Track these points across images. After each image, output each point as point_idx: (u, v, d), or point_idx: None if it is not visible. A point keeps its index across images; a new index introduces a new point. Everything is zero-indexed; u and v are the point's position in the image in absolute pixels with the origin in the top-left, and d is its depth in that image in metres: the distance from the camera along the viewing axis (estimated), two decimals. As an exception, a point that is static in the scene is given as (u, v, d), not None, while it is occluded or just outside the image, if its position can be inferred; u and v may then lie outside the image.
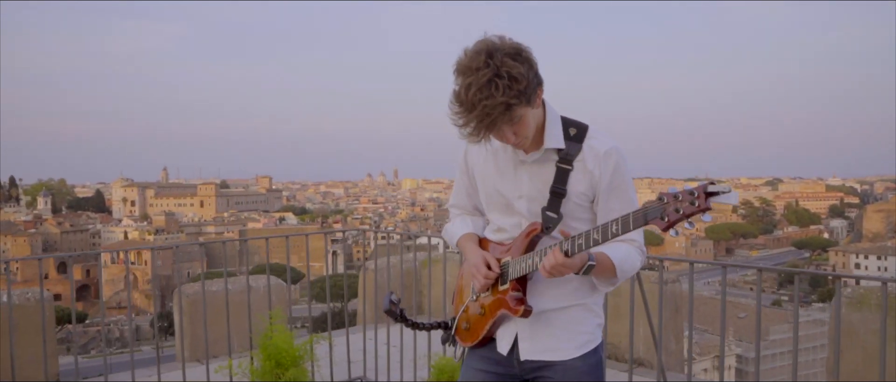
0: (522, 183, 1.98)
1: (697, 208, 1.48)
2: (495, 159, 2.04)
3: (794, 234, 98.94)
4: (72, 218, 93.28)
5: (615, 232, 1.70)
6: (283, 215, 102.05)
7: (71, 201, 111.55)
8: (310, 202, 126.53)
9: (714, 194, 1.47)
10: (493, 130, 1.76)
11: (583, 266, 1.83)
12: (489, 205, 2.09)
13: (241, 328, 4.36)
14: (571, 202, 1.93)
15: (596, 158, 1.91)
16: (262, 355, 3.82)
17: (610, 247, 1.91)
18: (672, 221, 1.51)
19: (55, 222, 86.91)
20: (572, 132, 1.94)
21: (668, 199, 1.53)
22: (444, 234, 2.29)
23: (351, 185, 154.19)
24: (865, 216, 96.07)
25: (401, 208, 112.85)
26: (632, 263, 1.94)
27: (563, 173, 1.92)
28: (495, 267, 2.00)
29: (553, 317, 2.00)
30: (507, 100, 1.70)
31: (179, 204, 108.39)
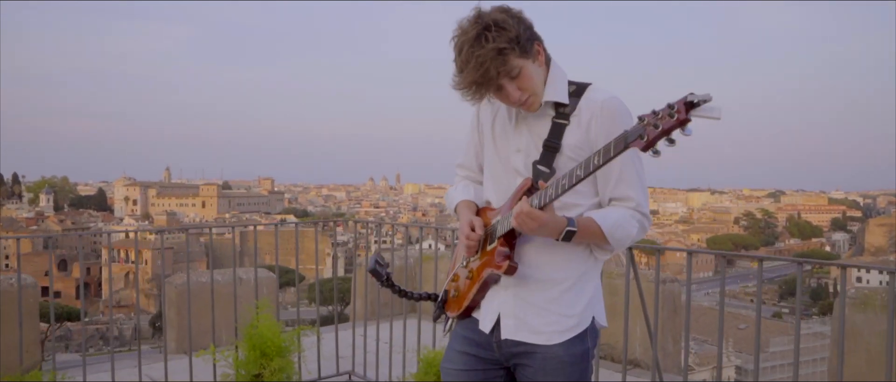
0: (521, 137, 1.92)
1: (676, 120, 1.37)
2: (502, 114, 2.00)
3: (795, 246, 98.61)
4: (73, 216, 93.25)
5: (578, 175, 1.62)
6: (285, 217, 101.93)
7: (73, 199, 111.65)
8: (311, 205, 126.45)
9: (695, 106, 1.37)
10: (491, 84, 1.74)
11: (560, 232, 1.76)
12: (491, 164, 2.03)
13: (229, 321, 4.30)
14: (565, 157, 1.85)
15: (592, 108, 1.84)
16: (247, 345, 3.74)
17: (601, 211, 1.85)
18: (652, 138, 1.41)
19: (57, 219, 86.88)
20: (571, 89, 1.88)
21: (647, 117, 1.43)
22: (445, 197, 2.25)
23: (353, 188, 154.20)
24: (868, 230, 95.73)
25: (402, 213, 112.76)
26: (626, 229, 1.84)
27: (557, 128, 1.86)
28: (480, 229, 1.95)
29: (538, 290, 1.89)
30: (498, 46, 1.70)
31: (181, 204, 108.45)
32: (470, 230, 1.95)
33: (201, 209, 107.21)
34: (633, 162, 1.85)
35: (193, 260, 61.85)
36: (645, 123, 1.43)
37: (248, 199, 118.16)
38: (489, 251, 1.92)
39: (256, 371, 3.70)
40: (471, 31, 1.71)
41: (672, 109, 1.37)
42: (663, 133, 1.39)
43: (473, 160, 2.17)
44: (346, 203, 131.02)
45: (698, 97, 1.36)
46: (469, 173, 2.20)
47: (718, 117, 1.35)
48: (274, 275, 5.48)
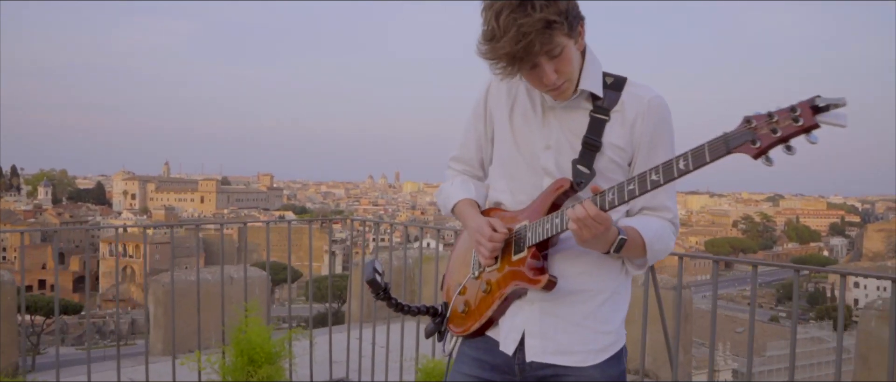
0: (551, 131, 1.66)
1: (801, 126, 1.18)
2: (521, 102, 1.73)
3: (793, 250, 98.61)
4: (72, 209, 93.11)
5: (655, 180, 1.40)
6: (283, 213, 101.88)
7: (72, 192, 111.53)
8: (310, 202, 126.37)
9: (822, 110, 1.18)
10: (528, 60, 1.48)
11: (613, 242, 1.53)
12: (508, 158, 1.75)
13: (218, 322, 4.15)
14: (606, 158, 1.63)
15: (638, 107, 1.62)
16: (234, 350, 3.58)
17: (641, 221, 1.64)
18: (767, 144, 1.22)
19: (55, 212, 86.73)
20: (609, 81, 1.65)
21: (759, 120, 1.24)
22: (437, 195, 1.93)
23: (352, 186, 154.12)
24: (866, 235, 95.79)
25: (401, 211, 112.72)
26: (665, 243, 1.65)
27: (597, 123, 1.62)
28: (503, 229, 1.66)
29: (571, 304, 1.65)
30: (546, 17, 1.45)
31: (180, 199, 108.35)
32: (492, 231, 1.66)
33: (200, 205, 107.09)
34: None
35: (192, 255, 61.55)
36: (753, 125, 1.24)
37: (246, 195, 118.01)
38: (516, 260, 1.65)
39: (243, 377, 3.56)
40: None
41: (795, 113, 1.19)
42: (782, 139, 1.21)
43: (474, 154, 1.87)
44: (345, 201, 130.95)
45: (827, 101, 1.18)
46: (467, 169, 1.90)
47: (844, 125, 1.19)
48: (266, 274, 5.34)
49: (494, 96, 1.78)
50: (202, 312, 4.08)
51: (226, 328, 3.88)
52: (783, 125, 1.20)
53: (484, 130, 1.83)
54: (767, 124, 1.22)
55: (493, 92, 1.79)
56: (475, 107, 1.84)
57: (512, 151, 1.73)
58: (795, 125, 1.19)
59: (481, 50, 1.51)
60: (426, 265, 5.69)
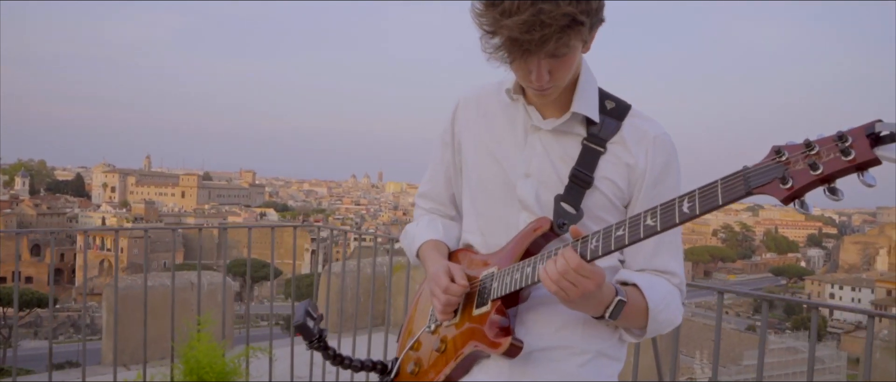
0: (533, 156, 1.37)
1: (852, 161, 0.89)
2: (497, 120, 1.44)
3: (771, 260, 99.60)
4: (49, 200, 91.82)
5: (651, 226, 1.10)
6: (265, 210, 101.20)
7: (50, 184, 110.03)
8: (292, 200, 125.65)
9: (884, 140, 0.88)
10: (535, 51, 1.19)
11: (609, 304, 1.23)
12: (478, 189, 1.45)
13: (177, 332, 3.92)
14: (598, 196, 1.34)
15: (642, 142, 1.34)
16: (183, 367, 3.40)
17: (646, 280, 1.32)
18: (802, 184, 0.93)
19: (32, 203, 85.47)
20: (609, 106, 1.37)
21: (792, 152, 0.95)
22: (402, 239, 1.64)
23: (335, 185, 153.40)
24: (842, 247, 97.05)
25: (383, 211, 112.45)
26: (671, 313, 1.32)
27: (590, 155, 1.34)
28: (462, 280, 1.37)
29: (546, 363, 1.34)
30: (575, 14, 1.16)
31: (160, 193, 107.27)
32: (449, 280, 1.37)
33: (181, 200, 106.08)
34: None
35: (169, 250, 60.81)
36: (785, 158, 0.95)
37: (228, 191, 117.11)
38: (476, 316, 1.35)
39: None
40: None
41: (845, 143, 0.89)
42: (826, 179, 0.91)
43: (443, 189, 1.58)
44: (328, 199, 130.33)
45: (893, 128, 0.88)
46: (436, 207, 1.61)
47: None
48: (231, 281, 5.14)
49: (462, 119, 1.51)
50: (157, 320, 3.88)
51: (176, 342, 3.67)
52: (826, 160, 0.91)
53: (452, 159, 1.55)
54: (804, 158, 0.93)
55: (460, 114, 1.52)
56: (442, 134, 1.55)
57: (482, 180, 1.45)
58: (845, 160, 0.89)
59: (479, 13, 1.21)
60: (399, 274, 5.59)
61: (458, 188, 1.57)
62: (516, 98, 1.39)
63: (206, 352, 3.34)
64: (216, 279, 5.21)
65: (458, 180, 1.56)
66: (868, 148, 0.88)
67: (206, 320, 3.50)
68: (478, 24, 1.22)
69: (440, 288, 1.37)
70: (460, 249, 1.52)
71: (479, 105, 1.48)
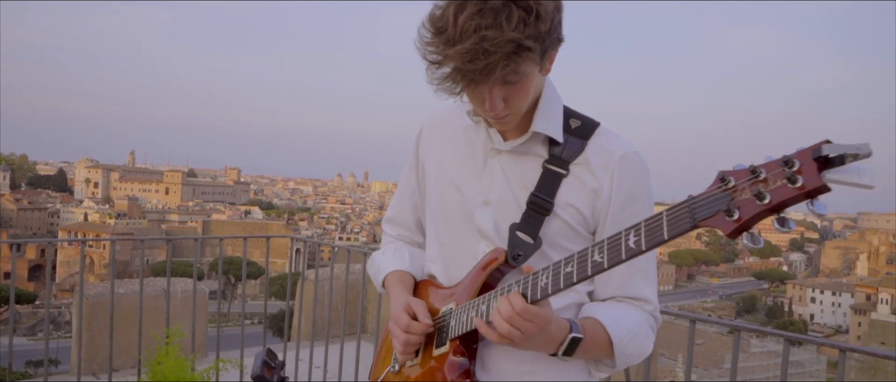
0: (493, 182, 1.30)
1: (801, 188, 0.81)
2: (457, 143, 1.37)
3: (754, 264, 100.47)
4: (31, 195, 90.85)
5: (598, 263, 1.04)
6: (249, 208, 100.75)
7: (31, 178, 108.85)
8: (277, 198, 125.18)
9: (833, 163, 0.80)
10: (482, 80, 1.12)
11: (561, 342, 1.16)
12: (439, 217, 1.39)
13: (146, 340, 3.84)
14: (559, 223, 1.26)
15: (608, 162, 1.25)
16: (150, 380, 3.35)
17: (611, 312, 1.25)
18: (749, 216, 0.85)
19: (13, 198, 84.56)
20: (574, 125, 1.29)
21: (738, 179, 0.87)
22: (369, 266, 1.58)
23: (320, 184, 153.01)
24: (823, 252, 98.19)
25: (369, 211, 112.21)
26: (640, 345, 1.26)
27: (551, 178, 1.26)
28: (424, 318, 1.30)
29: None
30: (521, 39, 1.07)
31: (144, 189, 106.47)
32: (409, 319, 1.30)
33: (165, 196, 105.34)
34: None
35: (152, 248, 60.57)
36: (731, 186, 0.87)
37: (212, 188, 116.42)
38: (437, 356, 1.29)
39: (155, 413, 3.32)
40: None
41: (791, 168, 0.81)
42: (773, 209, 0.83)
43: (410, 215, 1.53)
44: (313, 198, 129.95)
45: (842, 150, 0.79)
46: (403, 233, 1.55)
47: (871, 186, 0.78)
48: (204, 289, 5.02)
49: (427, 141, 1.45)
50: (129, 328, 3.77)
51: (143, 354, 3.59)
52: (773, 187, 0.83)
53: (417, 184, 1.49)
54: (751, 186, 0.85)
55: (425, 137, 1.45)
56: (408, 157, 1.50)
57: (443, 207, 1.38)
58: (792, 189, 0.81)
59: (423, 41, 1.13)
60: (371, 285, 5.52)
61: (423, 214, 1.51)
62: (477, 120, 1.32)
63: (174, 367, 3.24)
64: (190, 286, 5.13)
65: (424, 206, 1.49)
66: (816, 174, 0.81)
67: (175, 332, 3.40)
68: (423, 55, 1.14)
69: (400, 328, 1.31)
70: (425, 280, 1.45)
71: (443, 128, 1.42)
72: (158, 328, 3.78)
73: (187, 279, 5.35)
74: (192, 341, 4.03)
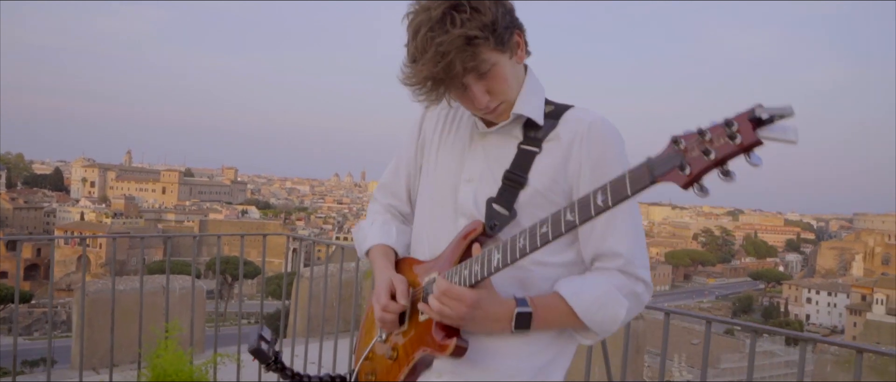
0: (475, 162, 1.43)
1: (740, 144, 0.94)
2: (454, 127, 1.51)
3: (750, 265, 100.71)
4: (27, 195, 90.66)
5: (571, 221, 1.12)
6: (246, 208, 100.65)
7: (27, 177, 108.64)
8: (274, 198, 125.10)
9: (765, 123, 0.93)
10: (453, 82, 1.29)
11: (508, 319, 1.28)
12: (427, 194, 1.53)
13: (146, 335, 3.89)
14: (532, 195, 1.36)
15: (577, 132, 1.36)
16: (150, 374, 3.39)
17: (574, 284, 1.34)
18: (698, 169, 0.97)
19: (8, 197, 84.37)
20: (548, 110, 1.42)
21: (688, 139, 0.99)
22: (355, 232, 1.67)
23: (317, 183, 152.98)
24: (819, 253, 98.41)
25: (365, 211, 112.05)
26: (611, 311, 1.33)
27: (525, 156, 1.38)
28: (402, 298, 1.41)
29: (491, 372, 1.38)
30: (467, 32, 1.24)
31: (141, 189, 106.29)
32: (388, 299, 1.42)
33: (161, 196, 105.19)
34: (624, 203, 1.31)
35: (149, 247, 60.52)
36: (682, 147, 1.00)
37: (210, 187, 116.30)
38: (422, 322, 1.38)
39: (155, 406, 3.36)
40: (434, 10, 1.26)
41: (731, 128, 0.95)
42: (718, 162, 0.96)
43: (403, 185, 1.62)
44: (310, 197, 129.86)
45: (771, 111, 0.93)
46: (392, 202, 1.64)
47: (794, 141, 0.94)
48: (202, 286, 5.10)
49: (431, 119, 1.57)
50: (129, 324, 3.83)
51: (144, 347, 3.65)
52: (718, 145, 0.96)
53: (414, 157, 1.59)
54: (699, 145, 0.98)
55: (430, 114, 1.57)
56: (411, 128, 1.60)
57: (433, 185, 1.51)
58: (733, 144, 0.95)
59: (404, 74, 1.32)
60: (369, 280, 5.56)
61: (415, 186, 1.60)
62: None
63: (173, 360, 3.30)
64: (186, 283, 5.15)
65: (418, 179, 1.59)
66: (751, 131, 0.94)
67: (174, 326, 3.47)
68: (408, 84, 1.31)
69: (379, 306, 1.43)
70: (408, 256, 1.55)
71: (449, 109, 1.53)
72: (157, 324, 3.82)
73: (185, 277, 5.39)
74: (191, 335, 4.08)
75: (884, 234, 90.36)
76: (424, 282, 1.42)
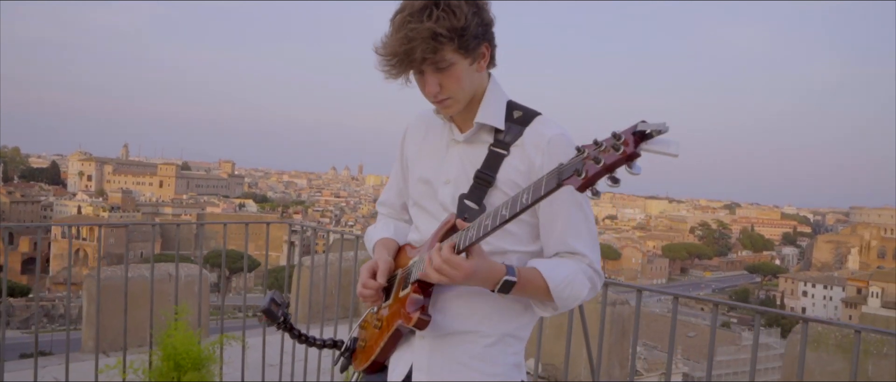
0: (452, 166, 1.64)
1: (622, 154, 1.10)
2: (430, 137, 1.73)
3: (747, 258, 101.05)
4: (23, 188, 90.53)
5: (517, 208, 1.33)
6: (244, 201, 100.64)
7: (24, 171, 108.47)
8: (271, 191, 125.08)
9: (647, 137, 1.10)
10: (411, 65, 1.48)
11: (496, 282, 1.49)
12: (416, 195, 1.75)
13: (155, 319, 4.07)
14: (499, 193, 1.57)
15: (539, 143, 1.55)
16: (162, 353, 3.54)
17: (550, 264, 1.57)
18: (591, 174, 1.14)
19: (5, 191, 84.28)
20: (516, 115, 1.60)
21: (588, 149, 1.16)
22: (365, 237, 1.94)
23: (314, 177, 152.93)
24: (816, 246, 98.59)
25: (363, 204, 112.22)
26: (575, 289, 1.55)
27: (495, 158, 1.58)
28: (381, 277, 1.65)
29: (459, 344, 1.61)
30: (435, 28, 1.43)
31: (138, 182, 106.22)
32: (368, 277, 1.66)
33: (158, 189, 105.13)
34: (581, 207, 1.57)
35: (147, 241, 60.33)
36: (584, 155, 1.16)
37: (206, 181, 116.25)
38: (401, 297, 1.61)
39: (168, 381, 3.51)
40: (418, 2, 1.45)
41: (618, 140, 1.11)
42: (606, 170, 1.13)
43: (396, 198, 1.88)
44: (307, 191, 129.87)
45: (651, 127, 1.09)
46: (391, 213, 1.91)
47: (675, 154, 1.10)
48: (207, 272, 5.27)
49: (410, 137, 1.80)
50: (136, 310, 4.01)
51: (154, 330, 3.81)
52: (607, 155, 1.13)
53: (401, 173, 1.83)
54: (593, 154, 1.15)
55: (409, 133, 1.80)
56: (396, 153, 1.85)
57: (419, 186, 1.72)
58: (617, 155, 1.11)
59: (379, 43, 1.50)
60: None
61: (407, 198, 1.83)
62: (443, 118, 1.67)
63: (183, 340, 3.50)
64: (193, 271, 5.33)
65: (407, 191, 1.83)
66: (633, 144, 1.10)
67: (183, 309, 3.68)
68: (378, 53, 1.50)
69: (360, 283, 1.68)
70: (406, 244, 1.78)
71: (421, 128, 1.76)
72: (164, 309, 3.99)
73: (189, 265, 5.65)
74: (198, 318, 4.28)
75: (880, 228, 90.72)
76: (410, 262, 1.65)
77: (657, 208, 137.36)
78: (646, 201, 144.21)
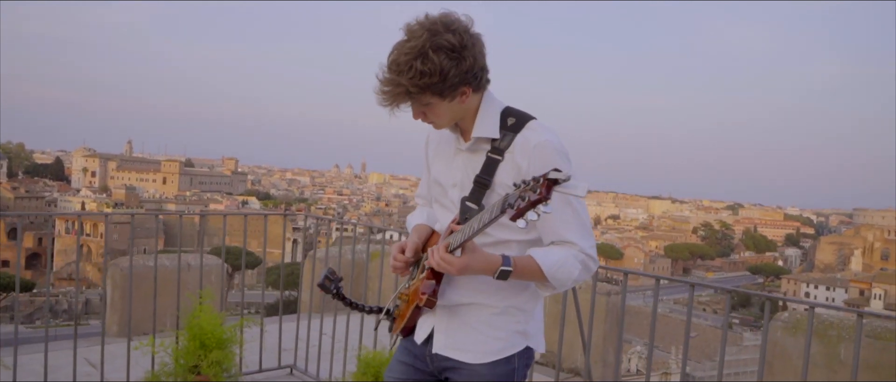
0: (457, 171, 1.93)
1: (539, 196, 1.39)
2: (443, 144, 2.01)
3: (750, 259, 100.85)
4: (28, 184, 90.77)
5: (483, 221, 1.61)
6: (247, 198, 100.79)
7: (28, 167, 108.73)
8: (274, 188, 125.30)
9: (557, 183, 1.40)
10: (399, 97, 1.76)
11: (494, 270, 1.75)
12: (433, 194, 2.06)
13: (173, 306, 4.26)
14: (496, 194, 1.80)
15: (525, 149, 1.79)
16: (187, 334, 3.74)
17: (543, 251, 1.82)
18: (520, 209, 1.43)
19: (10, 186, 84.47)
20: (510, 122, 1.84)
21: (523, 187, 1.45)
22: (406, 223, 2.24)
23: (317, 174, 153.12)
24: (819, 247, 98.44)
25: (366, 202, 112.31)
26: (569, 271, 1.80)
27: (491, 163, 1.83)
28: (410, 252, 1.97)
29: (469, 313, 1.92)
30: (409, 87, 1.72)
31: (141, 179, 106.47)
32: (398, 252, 1.99)
33: (162, 186, 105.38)
34: (570, 204, 1.79)
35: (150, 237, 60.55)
36: (520, 190, 1.44)
37: (210, 178, 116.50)
38: (421, 278, 1.90)
39: (195, 361, 3.70)
40: (407, 52, 1.71)
41: (536, 184, 1.41)
42: (529, 206, 1.41)
43: (426, 192, 2.16)
44: (310, 188, 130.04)
45: (557, 175, 1.40)
46: (425, 203, 2.21)
47: (582, 195, 1.46)
48: (222, 262, 5.44)
49: (431, 142, 2.09)
50: (159, 297, 4.18)
51: (180, 313, 4.01)
52: (529, 194, 1.41)
53: (427, 175, 2.13)
54: (524, 191, 1.43)
55: (430, 139, 2.10)
56: (423, 152, 2.15)
57: (435, 187, 2.04)
58: (535, 195, 1.40)
59: (379, 71, 1.76)
60: (376, 261, 5.84)
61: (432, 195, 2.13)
62: (450, 128, 1.94)
63: (209, 321, 3.73)
64: (209, 260, 5.61)
65: (432, 190, 2.11)
66: (546, 188, 1.39)
67: (207, 294, 3.91)
68: (378, 79, 1.75)
69: (391, 257, 2.01)
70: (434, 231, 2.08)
71: (438, 134, 2.02)
72: (187, 294, 4.19)
73: (206, 256, 5.80)
74: (221, 302, 4.57)
75: (883, 229, 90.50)
76: (427, 252, 1.91)
77: (660, 209, 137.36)
78: (648, 201, 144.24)
